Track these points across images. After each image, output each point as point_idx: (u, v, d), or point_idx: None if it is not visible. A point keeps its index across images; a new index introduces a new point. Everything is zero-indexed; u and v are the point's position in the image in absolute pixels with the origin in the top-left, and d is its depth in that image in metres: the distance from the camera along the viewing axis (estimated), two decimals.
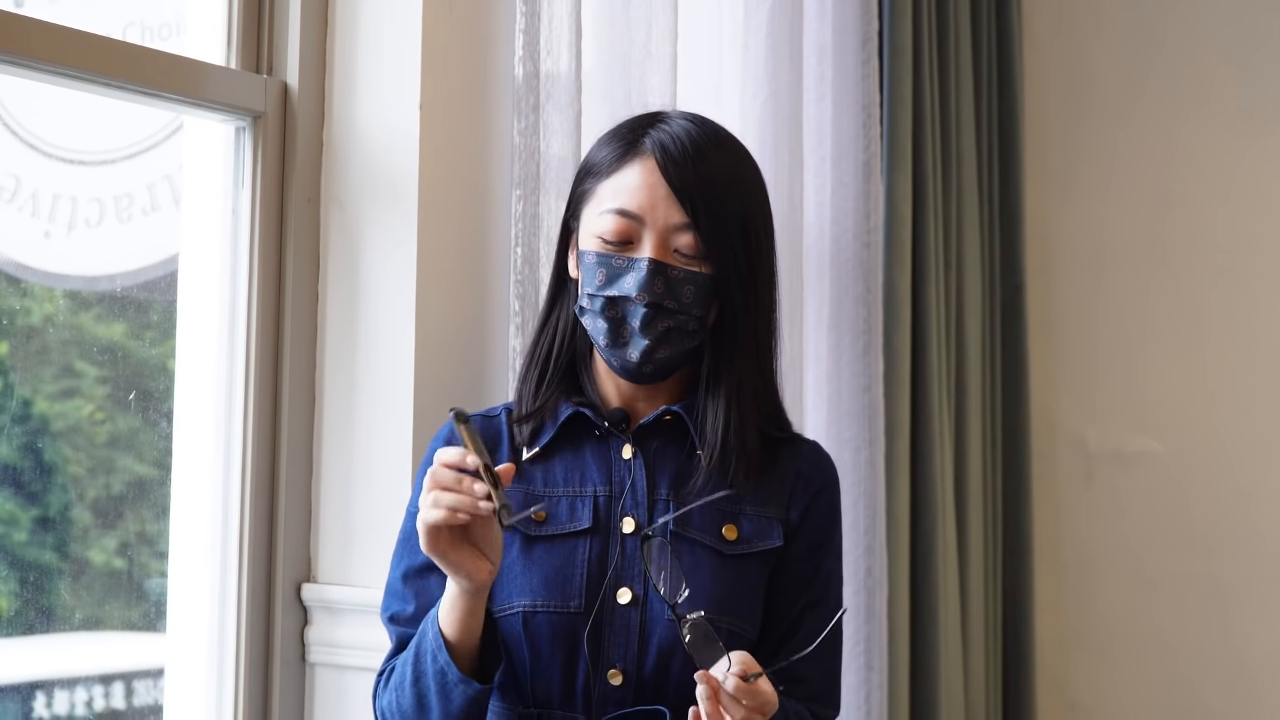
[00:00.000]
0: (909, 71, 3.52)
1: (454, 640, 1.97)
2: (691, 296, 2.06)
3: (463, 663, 1.98)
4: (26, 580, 2.61)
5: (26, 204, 2.65)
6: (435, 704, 1.99)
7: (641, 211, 2.06)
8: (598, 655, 2.04)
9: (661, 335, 2.06)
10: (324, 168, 2.70)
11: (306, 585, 2.65)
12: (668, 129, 2.10)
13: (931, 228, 3.57)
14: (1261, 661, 4.00)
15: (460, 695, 1.96)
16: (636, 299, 2.04)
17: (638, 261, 2.05)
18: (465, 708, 1.97)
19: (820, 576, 2.14)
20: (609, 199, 2.09)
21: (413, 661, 2.01)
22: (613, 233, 2.06)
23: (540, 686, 2.06)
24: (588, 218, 2.12)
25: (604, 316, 2.07)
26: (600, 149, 2.15)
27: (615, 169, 2.10)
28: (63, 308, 2.70)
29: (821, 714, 2.10)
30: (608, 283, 2.06)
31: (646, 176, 2.07)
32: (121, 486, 2.71)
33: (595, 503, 2.09)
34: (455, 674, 1.96)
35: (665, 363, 2.10)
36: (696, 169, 2.07)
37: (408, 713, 2.03)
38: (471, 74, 2.71)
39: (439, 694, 1.98)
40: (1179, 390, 4.12)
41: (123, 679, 2.75)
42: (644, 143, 2.09)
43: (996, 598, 3.97)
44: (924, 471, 3.53)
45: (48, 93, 2.52)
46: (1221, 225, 4.10)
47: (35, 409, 2.63)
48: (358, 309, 2.66)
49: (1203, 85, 4.15)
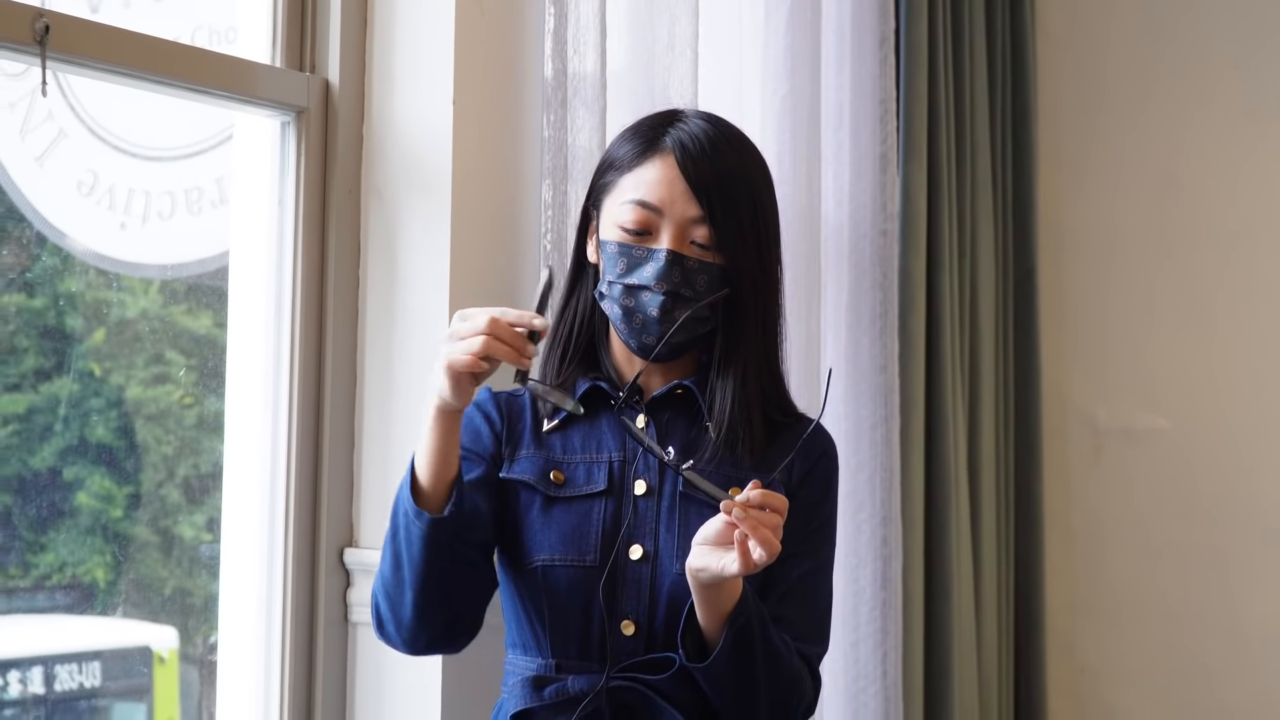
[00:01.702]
0: (924, 67, 3.51)
1: (424, 480, 2.01)
2: (705, 285, 2.09)
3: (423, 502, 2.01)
4: (122, 554, 2.65)
5: (104, 198, 2.68)
6: (404, 553, 2.01)
7: (661, 204, 2.09)
8: (612, 608, 2.07)
9: (676, 322, 2.09)
10: (364, 160, 2.72)
11: (349, 550, 2.68)
12: (686, 128, 2.12)
13: (946, 216, 3.57)
14: (1259, 627, 3.99)
15: (416, 531, 1.99)
16: (655, 287, 2.07)
17: (656, 252, 2.08)
18: (421, 545, 1.99)
19: (810, 529, 2.16)
20: (630, 191, 2.11)
21: (391, 521, 2.05)
22: (633, 222, 2.09)
23: (558, 639, 2.09)
24: (609, 207, 2.14)
25: (621, 302, 2.10)
26: (621, 144, 2.17)
27: (637, 164, 2.12)
28: (151, 298, 2.73)
29: (805, 650, 2.11)
30: (627, 271, 2.09)
31: (666, 172, 2.10)
32: (209, 466, 2.75)
33: (610, 467, 2.13)
34: (411, 506, 1.99)
35: (679, 346, 2.13)
36: (713, 166, 2.09)
37: (387, 578, 2.06)
38: (502, 72, 2.72)
39: (405, 539, 2.01)
40: (1185, 370, 4.10)
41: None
42: (664, 140, 2.12)
43: (1009, 567, 3.96)
44: (938, 447, 3.53)
45: (121, 93, 2.56)
46: (1226, 213, 4.08)
47: (128, 394, 2.67)
48: (395, 292, 2.68)
49: (1209, 81, 4.12)
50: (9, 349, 2.53)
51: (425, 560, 2.00)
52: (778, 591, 2.12)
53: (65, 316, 2.61)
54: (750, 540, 1.86)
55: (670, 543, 2.08)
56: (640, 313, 2.09)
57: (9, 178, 2.56)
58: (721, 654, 1.97)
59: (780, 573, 2.12)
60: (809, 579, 2.15)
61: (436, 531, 1.99)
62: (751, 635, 1.98)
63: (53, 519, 2.56)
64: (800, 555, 2.14)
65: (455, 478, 2.02)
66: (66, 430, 2.58)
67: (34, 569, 2.57)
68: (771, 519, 1.87)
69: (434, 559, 2.00)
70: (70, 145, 2.64)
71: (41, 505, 2.55)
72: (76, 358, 2.62)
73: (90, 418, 2.62)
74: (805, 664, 2.11)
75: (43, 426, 2.56)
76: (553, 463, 2.14)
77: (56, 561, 2.58)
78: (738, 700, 2.03)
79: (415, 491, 2.01)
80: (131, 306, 2.70)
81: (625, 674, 2.07)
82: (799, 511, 2.13)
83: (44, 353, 2.59)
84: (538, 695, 2.09)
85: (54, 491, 2.56)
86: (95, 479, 2.61)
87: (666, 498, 2.11)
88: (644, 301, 2.08)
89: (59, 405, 2.58)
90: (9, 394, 2.53)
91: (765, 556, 1.86)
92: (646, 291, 2.08)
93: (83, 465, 2.60)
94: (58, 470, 2.57)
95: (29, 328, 2.57)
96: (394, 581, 2.05)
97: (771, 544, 1.86)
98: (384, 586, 2.07)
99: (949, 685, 3.50)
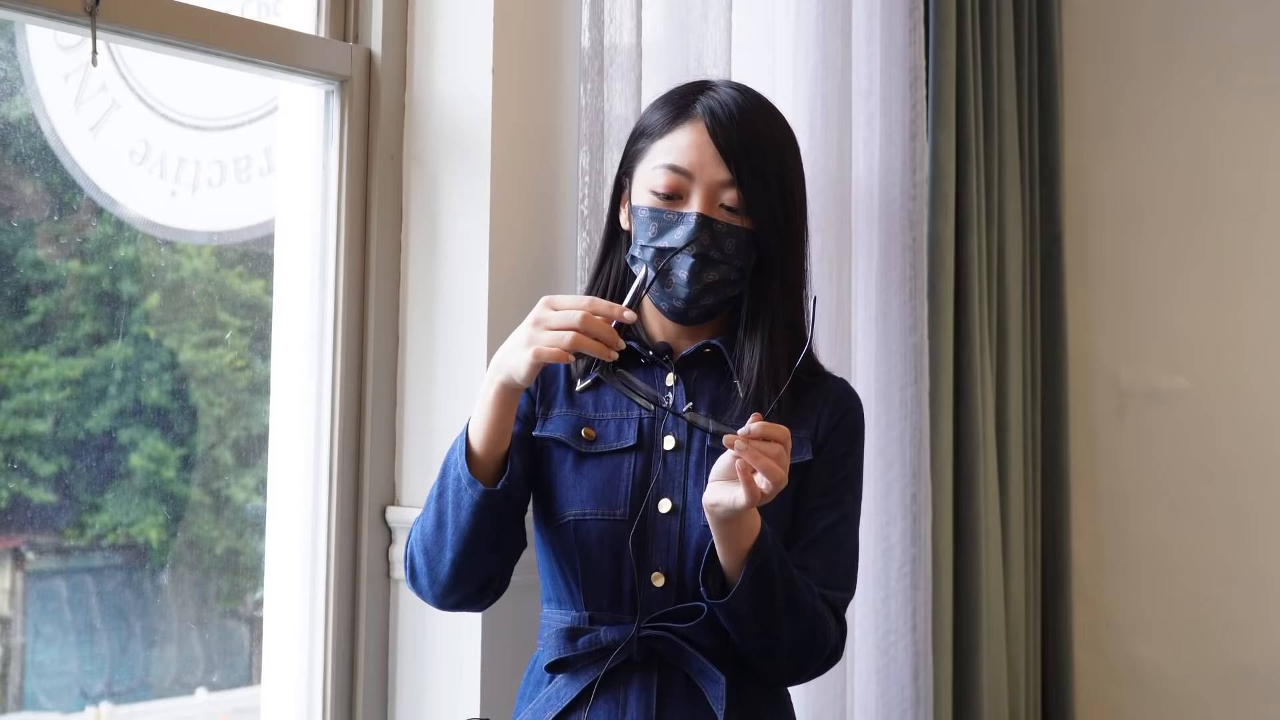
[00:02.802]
0: (953, 37, 3.48)
1: (478, 449, 2.01)
2: (734, 248, 2.09)
3: (477, 472, 2.01)
4: (175, 514, 2.64)
5: (155, 166, 2.68)
6: (449, 516, 2.03)
7: (691, 168, 2.08)
8: (642, 560, 2.07)
9: (707, 284, 2.09)
10: (405, 128, 2.71)
11: (391, 508, 2.67)
12: (716, 96, 2.12)
13: (974, 182, 3.54)
14: (1277, 578, 3.97)
15: (468, 499, 2.00)
16: (685, 250, 2.06)
17: (687, 215, 2.07)
18: (471, 513, 2.00)
19: (835, 481, 2.15)
20: (661, 156, 2.11)
21: (439, 480, 2.06)
22: (664, 185, 2.09)
23: (591, 591, 2.09)
24: (641, 173, 2.14)
25: (653, 265, 2.09)
26: (653, 113, 2.17)
27: (668, 130, 2.12)
28: (205, 261, 2.72)
29: (830, 595, 2.10)
30: (659, 235, 2.09)
31: (696, 138, 2.10)
32: (260, 428, 2.74)
33: (640, 424, 2.12)
34: (467, 475, 2.00)
35: (708, 308, 2.12)
36: (741, 132, 2.09)
37: (427, 534, 2.06)
38: (540, 42, 2.70)
39: (453, 504, 2.02)
40: (1206, 332, 4.07)
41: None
42: (694, 108, 2.12)
43: (1036, 524, 3.94)
44: (966, 407, 3.51)
45: (171, 64, 2.56)
46: (1248, 181, 4.04)
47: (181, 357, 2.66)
48: (436, 256, 2.66)
49: (1234, 50, 4.08)
50: (66, 314, 2.52)
51: (472, 527, 2.01)
52: (804, 540, 2.11)
53: (119, 282, 2.60)
54: (756, 472, 1.86)
55: (698, 497, 2.06)
56: (671, 274, 2.09)
57: (64, 147, 2.55)
58: (741, 589, 1.96)
59: (806, 523, 2.12)
60: (835, 528, 2.14)
61: (489, 502, 2.00)
62: (771, 572, 1.97)
63: (108, 480, 2.56)
64: (826, 507, 2.13)
65: (508, 450, 2.03)
66: (121, 393, 2.58)
67: (89, 529, 2.56)
68: (773, 449, 1.87)
69: (480, 526, 2.01)
70: (123, 115, 2.63)
71: (97, 467, 2.54)
72: (131, 322, 2.60)
73: (144, 381, 2.60)
74: (830, 609, 2.09)
75: (98, 390, 2.56)
76: (585, 420, 2.14)
77: (111, 522, 2.57)
78: (759, 638, 2.02)
79: (469, 458, 2.01)
80: (185, 268, 2.68)
81: (656, 624, 2.06)
82: (824, 465, 2.14)
83: (99, 318, 2.58)
84: (571, 646, 2.08)
85: (109, 453, 2.55)
86: (149, 441, 2.60)
87: (695, 453, 2.10)
88: (675, 262, 2.08)
89: (114, 369, 2.57)
90: (66, 358, 2.52)
91: (770, 485, 1.86)
92: (677, 254, 2.07)
93: (137, 428, 2.59)
94: (112, 433, 2.56)
95: (85, 293, 2.56)
96: (435, 540, 2.05)
97: (775, 472, 1.86)
98: (423, 542, 2.07)
99: (977, 639, 3.48)
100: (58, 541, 2.54)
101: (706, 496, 1.93)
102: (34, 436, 2.48)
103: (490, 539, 2.03)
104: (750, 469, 1.86)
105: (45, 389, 2.50)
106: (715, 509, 1.93)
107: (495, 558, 2.07)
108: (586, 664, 2.08)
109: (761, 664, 2.07)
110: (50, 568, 2.57)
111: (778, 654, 2.04)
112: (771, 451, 1.86)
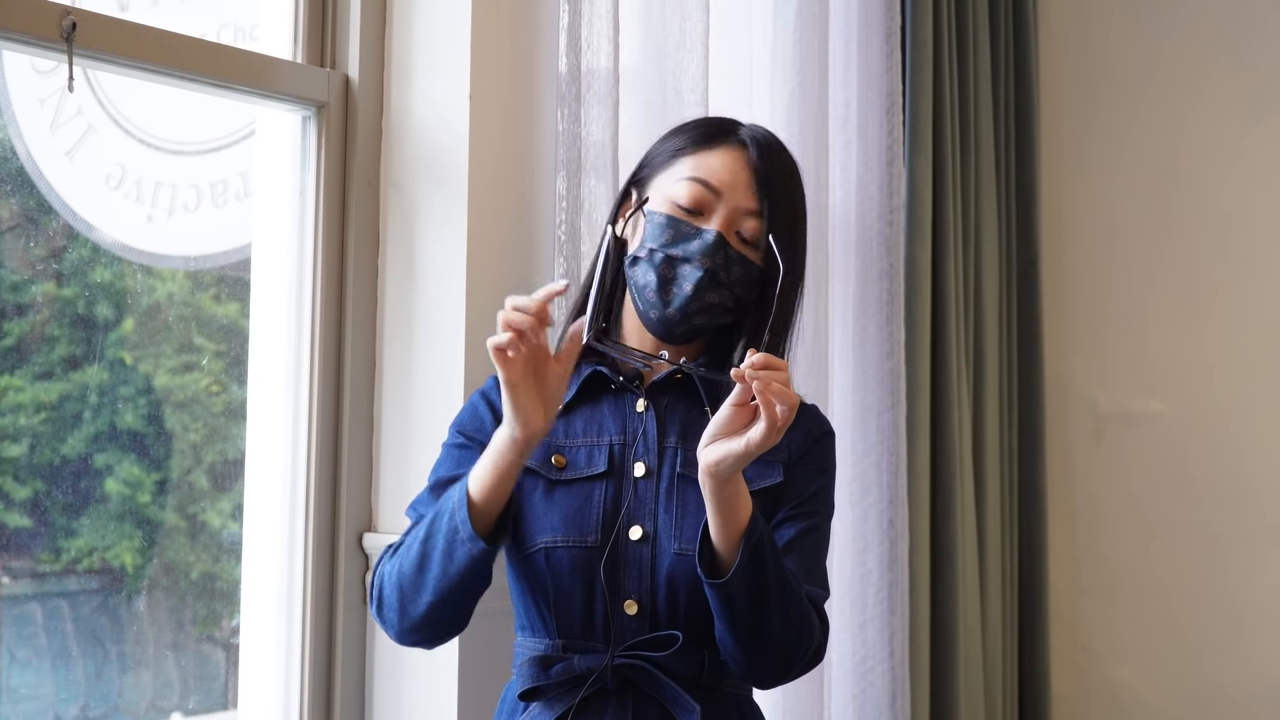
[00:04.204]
0: (930, 62, 3.49)
1: (479, 502, 1.97)
2: (739, 278, 2.09)
3: (478, 527, 1.98)
4: (150, 539, 2.63)
5: (131, 190, 2.67)
6: (436, 562, 1.99)
7: (722, 188, 2.09)
8: (614, 588, 2.06)
9: (706, 304, 2.09)
10: (383, 153, 2.71)
11: (367, 534, 2.66)
12: (759, 129, 2.16)
13: (951, 206, 3.54)
14: (1253, 605, 3.98)
15: (464, 553, 1.96)
16: (698, 262, 2.07)
17: (706, 231, 2.08)
18: (465, 566, 1.97)
19: (807, 495, 2.14)
20: (690, 169, 2.11)
21: (429, 522, 2.02)
22: (688, 198, 2.09)
23: (564, 619, 2.08)
24: (662, 182, 2.14)
25: (659, 270, 2.09)
26: (685, 132, 2.18)
27: (703, 148, 2.13)
28: (179, 285, 2.71)
29: (810, 591, 2.08)
30: (672, 243, 2.09)
31: (733, 162, 2.11)
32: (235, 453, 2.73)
33: (611, 450, 2.11)
34: (468, 530, 1.95)
35: (697, 328, 2.12)
36: (778, 168, 2.12)
37: (405, 573, 2.02)
38: (517, 67, 2.70)
39: (444, 552, 1.98)
40: (1182, 356, 4.09)
41: None
42: (739, 133, 2.14)
43: (1013, 548, 3.94)
44: (943, 431, 3.51)
45: (147, 89, 2.55)
46: (1222, 203, 4.07)
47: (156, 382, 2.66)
48: (414, 282, 2.66)
49: (1206, 74, 4.11)
50: (41, 338, 2.51)
51: (460, 579, 1.98)
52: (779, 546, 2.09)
53: (95, 306, 2.59)
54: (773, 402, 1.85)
55: (668, 523, 2.06)
56: (674, 284, 2.08)
57: (39, 171, 2.55)
58: (739, 570, 1.93)
59: (780, 533, 2.10)
60: (808, 535, 2.13)
61: (486, 559, 1.97)
62: (764, 556, 1.95)
63: (83, 505, 2.55)
64: (799, 517, 2.12)
65: (508, 506, 2.00)
66: (96, 418, 2.57)
67: (65, 553, 2.55)
68: (780, 375, 1.86)
69: (468, 581, 1.99)
70: (99, 140, 2.63)
71: (72, 491, 2.53)
72: (106, 346, 2.59)
73: (119, 405, 2.59)
74: (811, 604, 2.07)
75: (73, 414, 2.55)
76: (554, 447, 2.13)
77: (86, 546, 2.56)
78: (750, 630, 1.98)
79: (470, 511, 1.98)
80: (160, 292, 2.67)
81: (630, 652, 2.05)
82: (796, 484, 2.13)
83: (74, 341, 2.57)
84: (545, 674, 2.07)
85: (85, 478, 2.54)
86: (124, 465, 2.59)
87: (665, 479, 2.10)
88: (682, 273, 2.07)
89: (89, 393, 2.56)
90: (41, 382, 2.51)
91: (786, 410, 1.84)
92: (688, 264, 2.07)
93: (112, 452, 2.58)
94: (88, 457, 2.55)
95: (60, 317, 2.55)
96: (414, 582, 2.02)
97: (789, 395, 1.84)
98: (399, 580, 2.04)
99: (954, 664, 3.48)
100: (33, 566, 2.53)
101: (708, 456, 1.90)
102: (9, 460, 2.47)
103: (474, 590, 2.01)
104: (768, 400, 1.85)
105: (20, 413, 2.49)
106: (720, 465, 1.89)
107: (471, 604, 2.05)
108: (560, 692, 2.07)
109: (749, 661, 2.02)
110: (25, 592, 2.55)
111: (767, 648, 2.01)
112: (780, 379, 1.85)
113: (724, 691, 2.10)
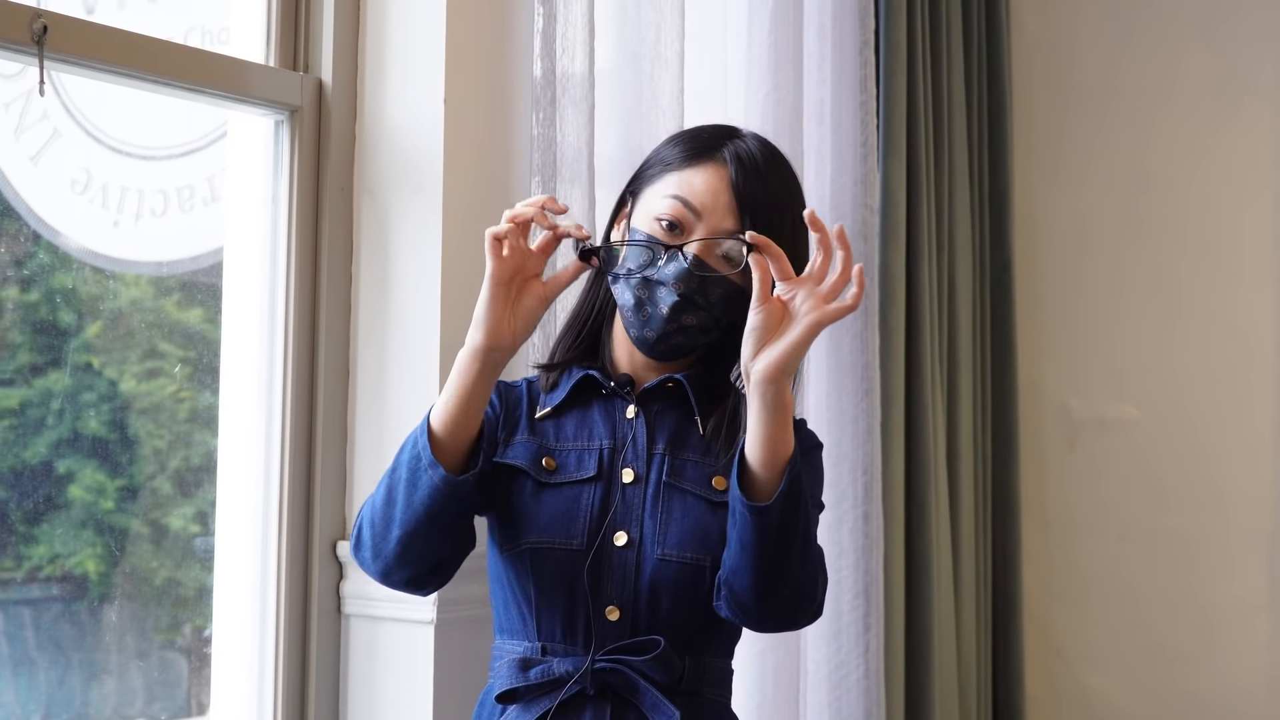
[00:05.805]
0: (904, 67, 3.50)
1: (442, 428, 1.97)
2: (718, 298, 2.08)
3: (445, 456, 1.98)
4: (114, 546, 2.62)
5: (97, 196, 2.66)
6: (401, 493, 1.98)
7: (702, 208, 2.08)
8: (597, 593, 2.06)
9: (683, 326, 2.08)
10: (356, 158, 2.70)
11: (341, 543, 2.66)
12: (745, 145, 2.12)
13: (925, 211, 3.55)
14: (1223, 608, 4.02)
15: (426, 480, 1.96)
16: (672, 286, 2.06)
17: (680, 255, 2.06)
18: (429, 495, 1.96)
19: None
20: (673, 186, 2.10)
21: (397, 454, 2.02)
22: (669, 213, 2.08)
23: (545, 622, 2.08)
24: (648, 197, 2.13)
25: (635, 292, 2.08)
26: (676, 144, 2.17)
27: (689, 164, 2.11)
28: (144, 290, 2.70)
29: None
30: (648, 265, 2.08)
31: (715, 181, 2.09)
32: (201, 459, 2.72)
33: (600, 455, 2.11)
34: (429, 456, 1.96)
35: (677, 347, 2.11)
36: (762, 186, 2.10)
37: (376, 508, 2.02)
38: (492, 72, 2.70)
39: (408, 481, 1.98)
40: (1153, 361, 4.12)
41: None
42: (722, 152, 2.11)
43: (987, 553, 3.96)
44: (918, 438, 3.52)
45: (114, 93, 2.55)
46: (1192, 205, 4.10)
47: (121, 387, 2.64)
48: (388, 289, 2.66)
49: (1173, 77, 4.14)
50: (4, 344, 2.50)
51: (426, 510, 1.97)
52: None
53: (59, 311, 2.57)
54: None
55: (654, 530, 2.06)
56: (650, 306, 2.07)
57: (4, 176, 2.54)
58: (780, 497, 1.92)
59: None
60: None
61: (450, 489, 1.96)
62: (800, 490, 1.94)
63: (46, 512, 2.53)
64: None
65: (476, 437, 2.00)
66: (60, 424, 2.55)
67: (27, 561, 2.53)
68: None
69: (436, 512, 1.97)
70: (64, 144, 2.62)
71: (35, 498, 2.52)
72: (71, 352, 2.58)
73: (84, 411, 2.58)
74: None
75: (36, 420, 2.53)
76: (545, 449, 2.13)
77: (49, 554, 2.55)
78: (773, 563, 1.96)
79: (431, 439, 1.98)
80: (124, 298, 2.66)
81: (610, 656, 2.05)
82: None
83: (38, 348, 2.55)
84: (523, 676, 2.07)
85: (47, 484, 2.52)
86: (88, 472, 2.58)
87: (652, 486, 2.10)
88: (658, 296, 2.07)
89: (52, 399, 2.55)
90: (3, 388, 2.50)
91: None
92: (662, 288, 2.06)
93: (76, 458, 2.56)
94: (51, 463, 2.54)
95: (23, 323, 2.54)
96: (383, 517, 2.01)
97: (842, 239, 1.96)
98: (372, 515, 2.03)
99: (929, 670, 3.49)
100: None
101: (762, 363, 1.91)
102: None
103: (443, 525, 1.99)
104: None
105: None
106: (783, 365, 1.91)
107: (445, 543, 2.02)
108: (538, 695, 2.07)
109: (761, 600, 2.00)
110: None
111: (781, 587, 1.98)
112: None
113: (703, 698, 2.11)
